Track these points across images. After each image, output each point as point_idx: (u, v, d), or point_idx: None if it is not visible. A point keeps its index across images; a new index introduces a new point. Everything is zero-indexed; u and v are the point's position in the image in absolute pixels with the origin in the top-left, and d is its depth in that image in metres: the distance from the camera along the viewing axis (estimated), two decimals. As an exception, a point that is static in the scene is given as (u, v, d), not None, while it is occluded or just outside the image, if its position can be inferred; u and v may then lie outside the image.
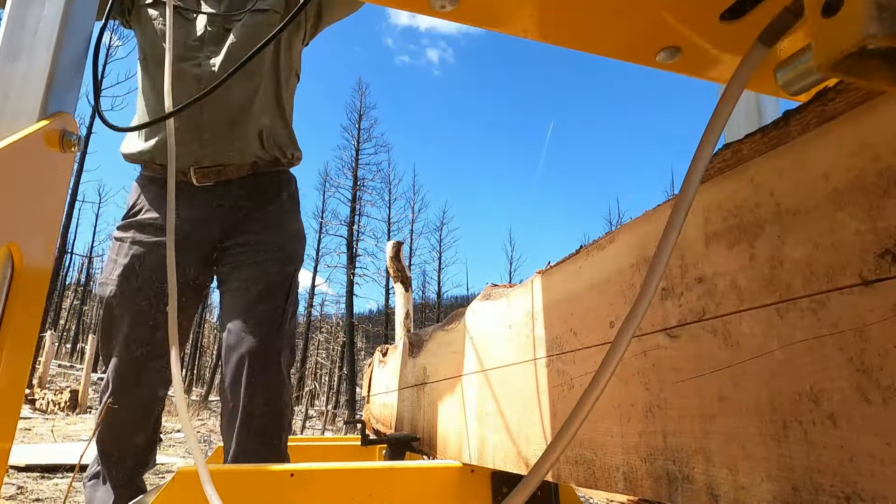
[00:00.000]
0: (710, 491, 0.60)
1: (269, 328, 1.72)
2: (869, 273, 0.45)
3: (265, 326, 1.72)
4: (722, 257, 0.61)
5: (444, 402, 1.59)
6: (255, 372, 1.70)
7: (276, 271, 1.80)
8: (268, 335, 1.70)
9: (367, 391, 2.94)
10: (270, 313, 1.75)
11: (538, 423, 1.00)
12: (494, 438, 1.20)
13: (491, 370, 1.24)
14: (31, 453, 3.98)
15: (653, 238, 0.73)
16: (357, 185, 27.10)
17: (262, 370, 1.71)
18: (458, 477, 1.36)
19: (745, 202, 0.59)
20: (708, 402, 0.61)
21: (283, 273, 1.82)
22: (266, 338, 1.70)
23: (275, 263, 1.81)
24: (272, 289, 1.78)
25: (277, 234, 1.85)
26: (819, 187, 0.50)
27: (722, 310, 0.60)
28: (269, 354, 1.70)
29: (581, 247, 0.91)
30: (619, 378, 0.78)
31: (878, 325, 0.44)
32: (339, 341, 29.11)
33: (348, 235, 26.33)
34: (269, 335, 1.71)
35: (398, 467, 1.35)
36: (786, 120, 0.55)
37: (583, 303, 0.88)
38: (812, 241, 0.51)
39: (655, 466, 0.69)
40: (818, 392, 0.49)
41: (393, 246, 3.67)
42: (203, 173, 1.79)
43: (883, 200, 0.45)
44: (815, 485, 0.49)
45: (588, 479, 0.84)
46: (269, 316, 1.74)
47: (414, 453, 1.91)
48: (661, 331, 0.70)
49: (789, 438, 0.51)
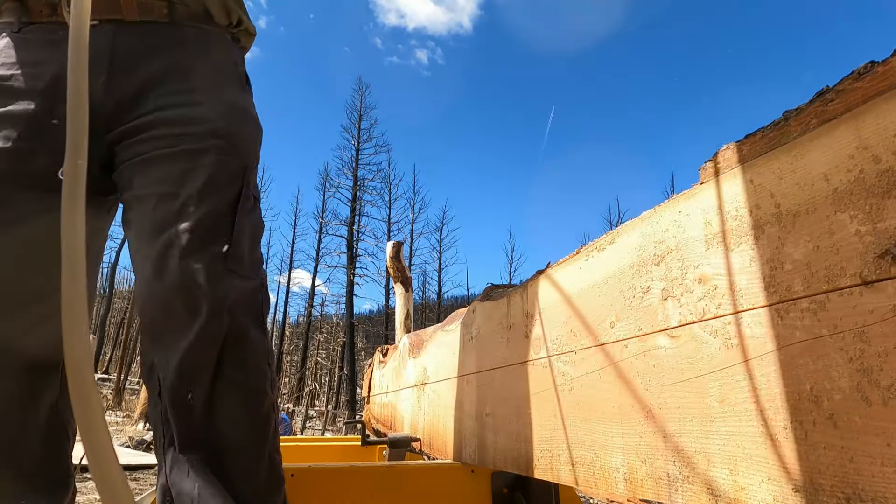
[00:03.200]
0: (711, 491, 0.60)
1: (212, 257, 0.98)
2: (869, 274, 0.45)
3: (205, 255, 0.98)
4: (722, 258, 0.61)
5: (443, 402, 1.59)
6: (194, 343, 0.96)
7: (214, 163, 1.03)
8: (212, 270, 0.97)
9: (367, 391, 2.94)
10: (211, 229, 1.00)
11: (538, 424, 1.00)
12: (494, 439, 1.20)
13: (491, 370, 1.24)
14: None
15: (652, 238, 0.73)
16: (357, 185, 27.15)
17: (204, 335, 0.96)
18: (458, 477, 1.37)
19: (745, 203, 0.59)
20: (708, 403, 0.62)
21: (226, 166, 1.05)
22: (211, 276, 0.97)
23: (212, 152, 1.04)
24: (211, 190, 1.02)
25: (212, 106, 1.08)
26: (819, 188, 0.50)
27: (722, 311, 0.60)
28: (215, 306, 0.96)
29: (581, 247, 0.91)
30: (619, 378, 0.78)
31: (878, 325, 0.44)
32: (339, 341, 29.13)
33: (348, 235, 26.37)
34: (214, 270, 0.98)
35: (398, 467, 1.36)
36: (785, 120, 0.55)
37: (583, 303, 0.88)
38: (812, 243, 0.51)
39: (655, 467, 0.69)
40: (818, 392, 0.49)
41: (393, 246, 3.67)
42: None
43: (883, 202, 0.45)
44: (815, 485, 0.49)
45: (588, 479, 0.84)
46: (211, 235, 0.99)
47: (414, 453, 1.91)
48: (661, 331, 0.70)
49: (789, 439, 0.52)
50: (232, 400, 0.96)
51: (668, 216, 0.70)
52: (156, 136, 1.04)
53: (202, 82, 1.11)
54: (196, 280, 0.96)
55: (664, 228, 0.71)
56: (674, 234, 0.69)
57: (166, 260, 0.97)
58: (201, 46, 1.14)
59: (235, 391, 0.97)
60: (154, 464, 4.22)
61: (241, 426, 0.97)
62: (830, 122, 0.50)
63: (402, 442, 1.84)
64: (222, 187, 1.04)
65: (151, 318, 1.00)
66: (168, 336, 0.97)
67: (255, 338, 1.01)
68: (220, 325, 0.96)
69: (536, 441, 1.01)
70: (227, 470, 0.93)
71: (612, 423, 0.79)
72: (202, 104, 1.08)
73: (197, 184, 1.01)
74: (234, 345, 0.97)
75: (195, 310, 0.95)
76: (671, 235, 0.69)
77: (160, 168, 1.02)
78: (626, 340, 0.76)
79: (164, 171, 1.02)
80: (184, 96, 1.07)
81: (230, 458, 0.95)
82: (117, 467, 0.56)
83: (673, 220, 0.69)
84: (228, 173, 1.06)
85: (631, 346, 0.75)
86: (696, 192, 0.66)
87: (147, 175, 1.03)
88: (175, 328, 0.96)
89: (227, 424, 0.95)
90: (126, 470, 3.85)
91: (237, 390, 0.97)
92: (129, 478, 3.60)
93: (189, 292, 0.96)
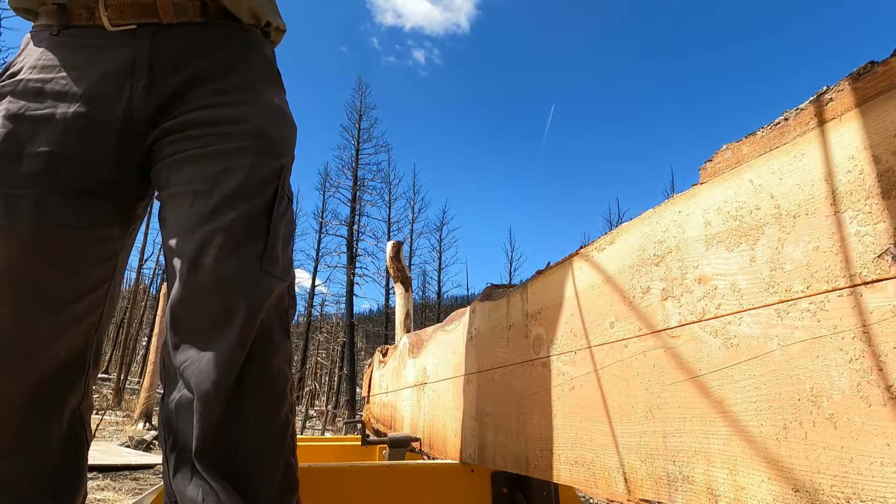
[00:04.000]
0: (710, 491, 0.60)
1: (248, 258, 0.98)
2: (869, 274, 0.45)
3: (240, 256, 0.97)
4: (722, 259, 0.61)
5: (443, 402, 1.59)
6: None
7: (251, 163, 1.03)
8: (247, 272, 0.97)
9: (367, 391, 2.94)
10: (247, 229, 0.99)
11: (538, 424, 1.00)
12: (494, 438, 1.20)
13: (491, 370, 1.24)
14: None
15: (652, 238, 0.73)
16: (357, 185, 27.15)
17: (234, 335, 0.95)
18: (457, 477, 1.37)
19: (745, 204, 0.59)
20: (708, 403, 0.62)
21: (263, 166, 1.05)
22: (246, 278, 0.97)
23: (250, 152, 1.04)
24: (248, 189, 1.02)
25: (251, 107, 1.09)
26: (819, 189, 0.51)
27: (722, 311, 0.60)
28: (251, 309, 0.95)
29: (581, 247, 0.91)
30: (619, 378, 0.78)
31: (878, 325, 0.44)
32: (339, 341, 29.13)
33: (348, 235, 26.36)
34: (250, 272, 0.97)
35: (398, 467, 1.36)
36: (785, 120, 0.55)
37: (583, 303, 0.88)
38: (812, 243, 0.51)
39: (655, 467, 0.70)
40: (818, 393, 0.49)
41: (393, 246, 3.67)
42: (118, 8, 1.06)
43: (883, 202, 0.45)
44: (815, 485, 0.49)
45: (588, 478, 0.84)
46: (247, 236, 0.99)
47: (414, 453, 1.91)
48: (661, 331, 0.70)
49: (789, 439, 0.52)
50: (253, 404, 0.95)
51: (668, 216, 0.70)
52: (194, 136, 1.04)
53: (240, 82, 1.11)
54: (232, 281, 0.95)
55: (664, 228, 0.71)
56: (674, 234, 0.69)
57: (200, 259, 0.96)
58: (237, 45, 1.15)
59: (257, 394, 0.96)
60: (154, 463, 4.21)
61: (259, 430, 0.95)
62: (830, 122, 0.50)
63: (401, 442, 1.84)
64: (259, 187, 1.04)
65: (183, 317, 0.98)
66: (199, 337, 0.95)
67: (278, 340, 1.01)
68: (253, 328, 0.95)
69: (536, 441, 1.01)
70: (242, 474, 0.92)
71: (612, 423, 0.79)
72: (241, 104, 1.08)
73: (233, 183, 1.01)
74: (259, 347, 0.96)
75: (230, 312, 0.94)
76: (671, 235, 0.69)
77: (197, 166, 1.02)
78: (626, 340, 0.76)
79: (200, 169, 1.02)
80: (222, 96, 1.08)
81: (246, 463, 0.93)
82: None
83: (673, 220, 0.69)
84: (265, 173, 1.06)
85: (631, 346, 0.75)
86: (696, 192, 0.66)
87: (183, 173, 1.02)
88: (208, 330, 0.95)
89: (245, 428, 0.95)
90: (126, 469, 3.84)
91: (259, 393, 0.96)
92: (129, 477, 3.60)
93: (224, 293, 0.95)
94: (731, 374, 0.59)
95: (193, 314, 0.97)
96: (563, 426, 0.92)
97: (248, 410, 0.94)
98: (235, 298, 0.95)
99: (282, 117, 1.16)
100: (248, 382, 0.95)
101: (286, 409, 1.01)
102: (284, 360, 1.02)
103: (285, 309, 1.05)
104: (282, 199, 1.08)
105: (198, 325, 0.96)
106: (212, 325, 0.95)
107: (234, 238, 0.98)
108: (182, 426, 0.94)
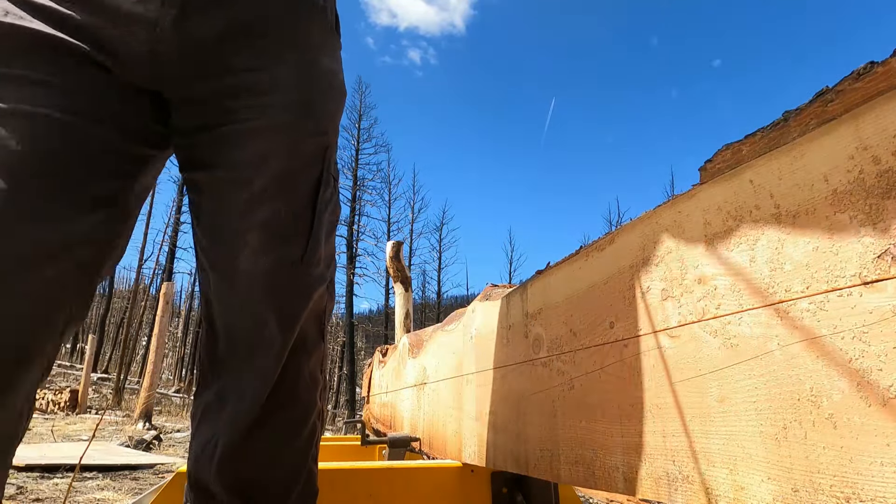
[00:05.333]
0: (710, 491, 0.60)
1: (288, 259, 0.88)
2: (868, 274, 0.45)
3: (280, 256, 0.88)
4: (722, 259, 0.61)
5: (443, 402, 1.59)
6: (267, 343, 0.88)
7: (294, 144, 0.89)
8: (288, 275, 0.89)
9: (366, 391, 2.94)
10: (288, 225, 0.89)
11: (537, 424, 1.00)
12: (494, 438, 1.20)
13: (491, 370, 1.24)
14: (31, 453, 3.98)
15: (652, 239, 0.73)
16: (357, 184, 27.17)
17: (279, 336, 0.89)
18: (457, 477, 1.37)
19: (745, 204, 0.59)
20: (708, 403, 0.62)
21: (307, 148, 0.91)
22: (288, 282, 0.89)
23: (290, 130, 0.89)
24: (290, 178, 0.89)
25: (297, 71, 0.90)
26: (819, 189, 0.51)
27: (722, 311, 0.60)
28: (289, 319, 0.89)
29: (581, 247, 0.91)
30: (619, 378, 0.78)
31: (878, 325, 0.44)
32: (339, 341, 29.14)
33: (348, 235, 26.38)
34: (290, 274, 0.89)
35: (398, 467, 1.36)
36: (785, 121, 0.55)
37: (582, 303, 0.88)
38: (812, 243, 0.51)
39: (655, 466, 0.70)
40: (818, 393, 0.49)
41: (393, 246, 3.67)
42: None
43: (883, 202, 0.45)
44: (814, 485, 0.49)
45: (588, 478, 0.84)
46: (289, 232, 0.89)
47: (414, 453, 1.91)
48: (661, 331, 0.70)
49: (789, 439, 0.52)
50: (281, 415, 0.90)
51: (667, 216, 0.70)
52: (229, 109, 0.86)
53: (289, 35, 0.90)
54: (271, 286, 0.87)
55: (664, 228, 0.71)
56: (674, 234, 0.69)
57: (236, 261, 0.87)
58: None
59: (287, 404, 0.91)
60: (154, 463, 4.22)
61: (284, 442, 0.91)
62: (830, 122, 0.50)
63: (401, 441, 1.84)
64: (301, 174, 0.90)
65: (218, 323, 0.91)
66: (235, 348, 0.90)
67: (312, 343, 0.94)
68: (292, 337, 0.89)
69: (536, 441, 1.01)
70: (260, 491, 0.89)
71: (611, 423, 0.79)
72: (285, 64, 0.89)
73: (274, 170, 0.87)
74: (294, 352, 0.90)
75: (266, 321, 0.87)
76: (671, 235, 0.69)
77: (232, 147, 0.86)
78: (626, 340, 0.76)
79: (236, 151, 0.86)
80: (263, 57, 0.88)
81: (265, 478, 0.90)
82: None
83: (673, 221, 0.69)
84: (309, 156, 0.91)
85: (631, 346, 0.76)
86: (696, 192, 0.66)
87: (216, 154, 0.87)
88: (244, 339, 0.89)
89: (271, 440, 0.90)
90: (126, 469, 3.84)
91: (288, 402, 0.91)
92: (129, 477, 3.60)
93: (262, 301, 0.87)
94: (731, 374, 0.59)
95: (229, 319, 0.90)
96: (562, 426, 0.92)
97: (277, 422, 0.90)
98: (274, 306, 0.87)
99: (332, 83, 0.97)
100: (279, 393, 0.89)
101: (314, 417, 0.95)
102: (317, 364, 0.95)
103: (322, 309, 0.96)
104: (327, 183, 0.94)
105: (233, 335, 0.89)
106: (248, 334, 0.88)
107: (274, 237, 0.87)
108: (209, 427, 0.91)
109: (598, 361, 0.83)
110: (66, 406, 11.69)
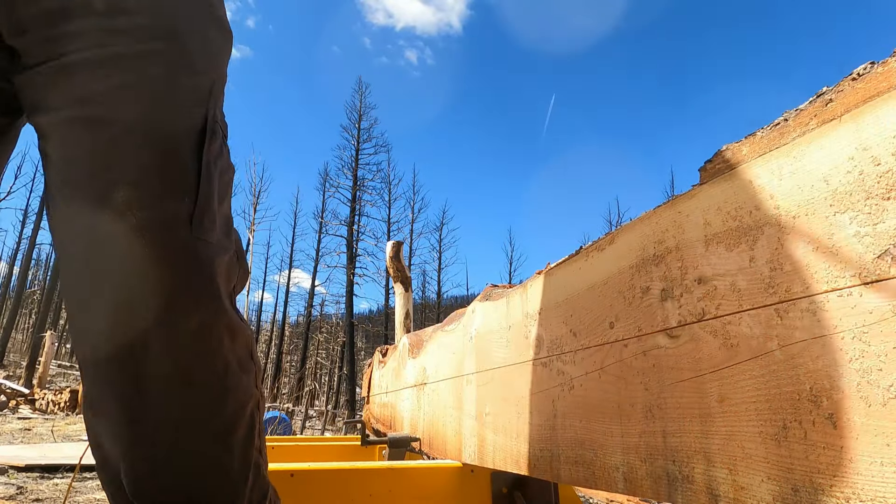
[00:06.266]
0: (710, 491, 0.60)
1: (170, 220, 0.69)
2: (868, 274, 0.45)
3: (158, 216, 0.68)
4: (722, 259, 0.61)
5: (443, 402, 1.59)
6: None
7: (160, 76, 0.72)
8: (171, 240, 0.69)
9: (366, 391, 2.94)
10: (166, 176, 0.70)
11: (537, 424, 1.00)
12: (494, 438, 1.20)
13: (490, 370, 1.24)
14: (31, 453, 3.98)
15: (652, 239, 0.73)
16: (357, 185, 27.17)
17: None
18: (457, 477, 1.37)
19: (744, 204, 0.59)
20: (708, 403, 0.62)
21: (180, 84, 0.74)
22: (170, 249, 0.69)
23: (158, 59, 0.72)
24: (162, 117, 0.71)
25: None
26: (818, 190, 0.51)
27: (722, 311, 0.60)
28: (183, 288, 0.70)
29: (581, 248, 0.91)
30: (619, 378, 0.78)
31: (878, 325, 0.44)
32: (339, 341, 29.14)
33: (348, 235, 26.38)
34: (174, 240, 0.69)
35: (398, 467, 1.36)
36: (785, 121, 0.56)
37: (582, 304, 0.88)
38: (812, 244, 0.51)
39: (655, 466, 0.70)
40: (818, 393, 0.49)
41: (393, 246, 3.68)
42: None
43: (882, 203, 0.45)
44: (814, 485, 0.49)
45: (588, 478, 0.84)
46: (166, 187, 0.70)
47: (414, 453, 1.92)
48: (661, 331, 0.70)
49: (789, 439, 0.52)
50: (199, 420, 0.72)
51: (667, 216, 0.70)
52: (76, 32, 0.68)
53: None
54: (147, 254, 0.67)
55: (664, 229, 0.71)
56: (673, 234, 0.69)
57: (100, 221, 0.67)
58: None
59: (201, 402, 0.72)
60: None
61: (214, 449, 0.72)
62: (830, 122, 0.50)
63: (401, 442, 1.84)
64: (177, 114, 0.72)
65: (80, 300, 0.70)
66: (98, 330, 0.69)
67: (232, 325, 0.75)
68: (190, 319, 0.70)
69: (536, 441, 1.01)
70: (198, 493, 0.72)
71: (611, 423, 0.79)
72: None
73: (139, 106, 0.69)
74: (202, 343, 0.72)
75: (149, 303, 0.67)
76: (671, 236, 0.69)
77: (84, 79, 0.68)
78: (626, 340, 0.76)
79: (89, 84, 0.68)
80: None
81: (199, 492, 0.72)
82: None
83: (673, 221, 0.69)
84: (185, 94, 0.73)
85: (631, 346, 0.76)
86: (696, 192, 0.66)
87: (65, 90, 0.69)
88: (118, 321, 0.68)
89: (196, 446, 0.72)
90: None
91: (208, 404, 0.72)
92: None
93: (139, 272, 0.67)
94: (731, 374, 0.59)
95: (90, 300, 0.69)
96: (562, 426, 0.92)
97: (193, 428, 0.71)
98: (156, 280, 0.67)
99: (205, 11, 0.79)
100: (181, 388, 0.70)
101: (250, 409, 0.77)
102: (244, 348, 0.77)
103: (232, 285, 0.77)
104: (214, 134, 0.76)
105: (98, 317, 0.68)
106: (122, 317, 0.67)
107: (149, 191, 0.67)
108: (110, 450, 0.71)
109: (598, 361, 0.83)
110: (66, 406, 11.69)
